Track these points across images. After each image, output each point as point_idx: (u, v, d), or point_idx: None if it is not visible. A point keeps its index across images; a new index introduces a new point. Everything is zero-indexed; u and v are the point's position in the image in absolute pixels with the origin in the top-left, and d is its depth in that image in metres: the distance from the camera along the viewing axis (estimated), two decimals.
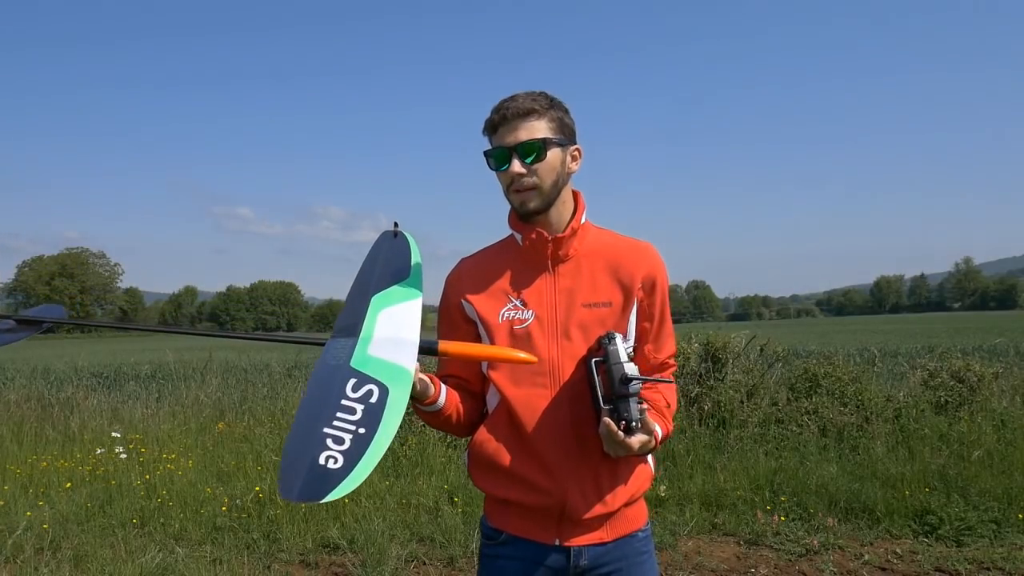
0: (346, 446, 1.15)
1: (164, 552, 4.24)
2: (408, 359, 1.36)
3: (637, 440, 1.39)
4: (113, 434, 6.79)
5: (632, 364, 1.40)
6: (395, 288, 1.52)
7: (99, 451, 6.30)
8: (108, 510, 5.03)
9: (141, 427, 7.38)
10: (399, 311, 1.47)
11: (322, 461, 1.12)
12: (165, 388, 10.33)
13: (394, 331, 1.42)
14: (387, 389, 1.27)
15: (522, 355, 1.47)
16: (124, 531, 4.61)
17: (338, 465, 1.12)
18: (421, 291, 1.52)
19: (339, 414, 1.21)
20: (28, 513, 4.90)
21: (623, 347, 1.41)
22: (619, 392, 1.37)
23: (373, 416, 1.21)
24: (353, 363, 1.32)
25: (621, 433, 1.37)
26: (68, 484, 5.58)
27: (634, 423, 1.37)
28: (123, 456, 6.13)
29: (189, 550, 4.30)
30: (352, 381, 1.28)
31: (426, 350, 1.43)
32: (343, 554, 4.26)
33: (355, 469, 1.12)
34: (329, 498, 1.07)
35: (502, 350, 1.49)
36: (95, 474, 5.82)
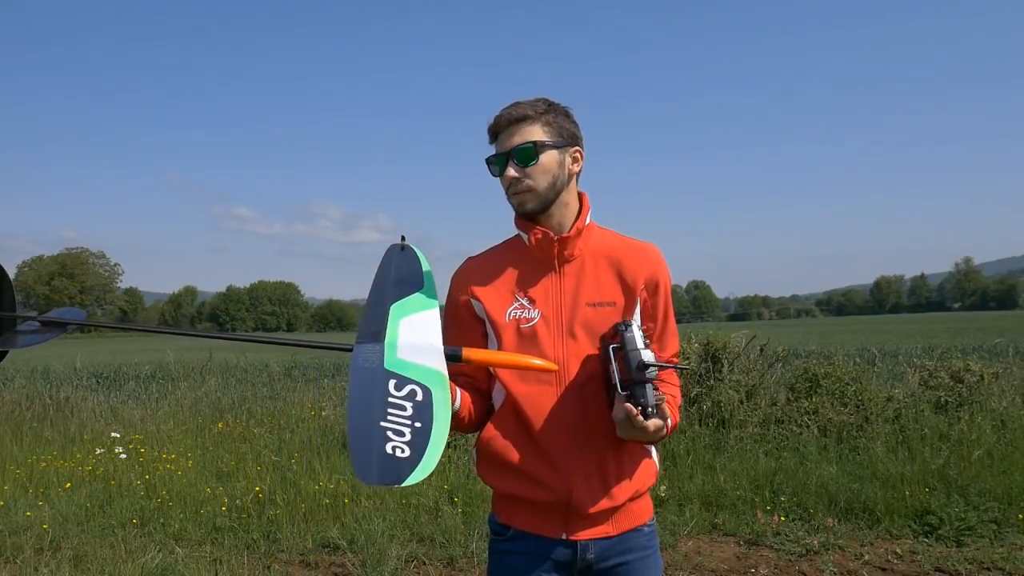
0: (407, 438, 1.17)
1: (164, 552, 4.23)
2: (439, 363, 1.38)
3: (653, 424, 1.41)
4: (113, 434, 6.79)
5: (648, 351, 1.41)
6: (413, 297, 1.53)
7: (99, 451, 6.30)
8: (108, 510, 5.03)
9: (141, 427, 7.38)
10: (419, 319, 1.48)
11: (389, 451, 1.14)
12: (165, 388, 10.34)
13: (417, 338, 1.43)
14: (429, 390, 1.28)
15: (541, 363, 1.49)
16: (124, 531, 4.61)
17: (406, 454, 1.14)
18: (437, 300, 1.55)
19: (390, 411, 1.22)
20: (28, 513, 4.90)
21: (639, 334, 1.42)
22: (636, 378, 1.39)
23: (424, 412, 1.23)
24: (387, 365, 1.33)
25: (640, 417, 1.38)
26: (68, 484, 5.58)
27: (650, 408, 1.39)
28: (123, 456, 6.13)
29: (189, 550, 4.30)
30: (392, 381, 1.29)
31: (451, 357, 1.43)
32: (343, 554, 4.26)
33: (424, 456, 1.14)
34: (408, 482, 1.10)
35: (523, 358, 1.50)
36: (95, 474, 5.82)
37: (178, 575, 3.95)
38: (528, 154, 1.53)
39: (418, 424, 1.19)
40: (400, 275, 1.58)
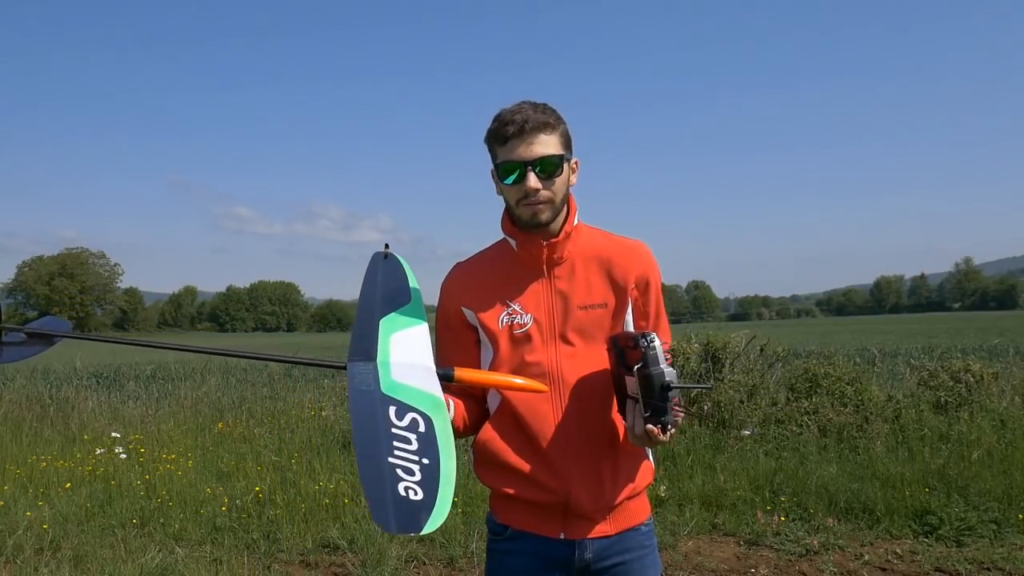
0: (418, 477, 1.13)
1: (164, 552, 4.24)
2: (435, 386, 1.36)
3: (669, 436, 1.41)
4: (113, 434, 6.80)
5: (671, 368, 1.39)
6: (401, 312, 1.52)
7: (99, 451, 6.30)
8: (108, 510, 5.03)
9: (141, 427, 7.38)
10: (409, 336, 1.47)
11: (403, 492, 1.10)
12: (165, 388, 10.35)
13: (410, 357, 1.42)
14: (430, 418, 1.26)
15: (534, 384, 1.50)
16: (124, 531, 4.61)
17: (419, 497, 1.10)
18: (425, 319, 1.54)
19: (395, 444, 1.19)
20: (28, 513, 4.89)
21: (661, 350, 1.39)
22: (660, 399, 1.38)
23: (429, 445, 1.20)
24: (384, 389, 1.31)
25: (663, 437, 1.38)
26: (68, 484, 5.58)
27: (670, 425, 1.39)
28: (123, 456, 6.13)
29: (189, 550, 4.30)
30: (392, 408, 1.26)
31: (442, 377, 1.43)
32: (343, 554, 4.27)
33: (437, 499, 1.11)
34: (427, 529, 1.05)
35: (514, 380, 1.50)
36: (95, 474, 5.82)
37: (178, 575, 3.95)
38: (554, 167, 1.50)
39: (426, 460, 1.16)
40: (387, 289, 1.57)
